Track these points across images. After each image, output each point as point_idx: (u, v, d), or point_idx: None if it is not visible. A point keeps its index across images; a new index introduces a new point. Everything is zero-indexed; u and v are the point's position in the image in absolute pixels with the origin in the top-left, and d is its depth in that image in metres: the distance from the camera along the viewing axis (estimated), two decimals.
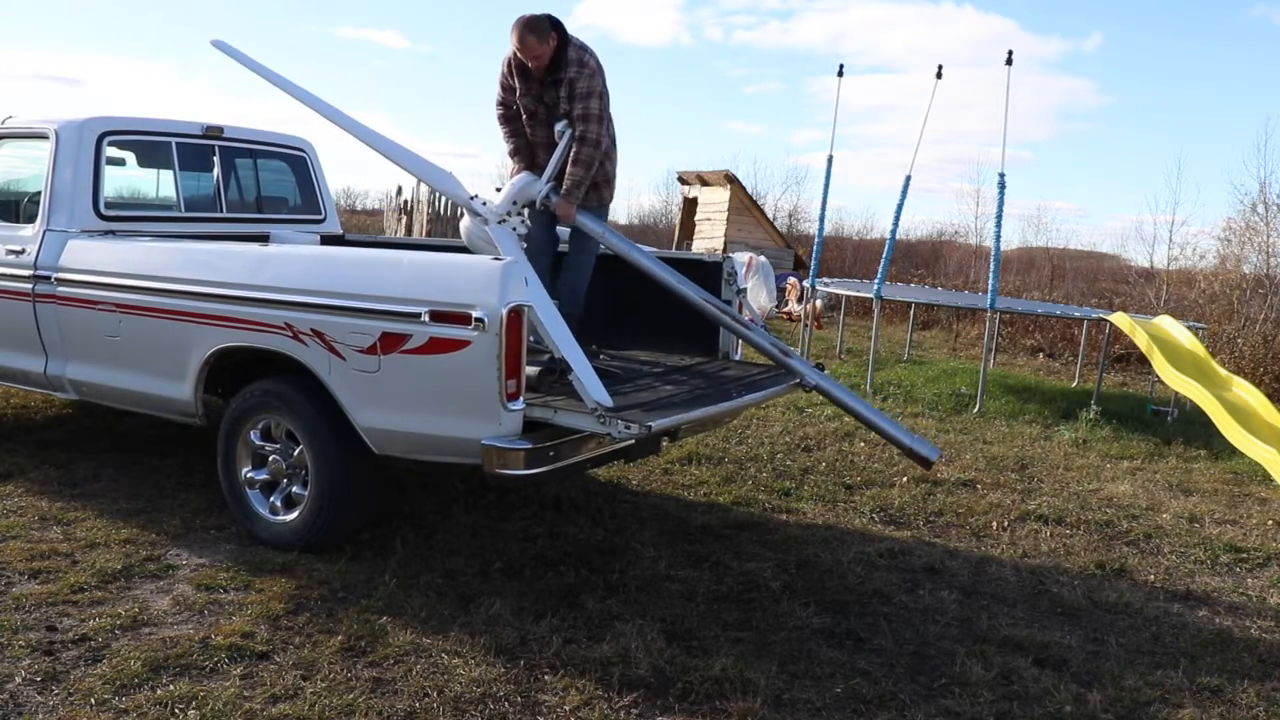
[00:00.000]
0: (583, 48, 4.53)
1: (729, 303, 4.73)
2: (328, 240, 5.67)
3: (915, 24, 58.93)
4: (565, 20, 4.47)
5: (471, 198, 4.34)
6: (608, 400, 3.51)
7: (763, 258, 15.51)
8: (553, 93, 4.56)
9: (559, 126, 4.58)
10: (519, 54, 4.46)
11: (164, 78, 78.98)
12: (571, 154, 4.52)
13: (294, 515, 4.17)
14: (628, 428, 3.42)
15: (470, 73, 71.91)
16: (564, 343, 3.63)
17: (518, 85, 4.62)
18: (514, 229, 4.37)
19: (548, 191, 4.56)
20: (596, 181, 4.68)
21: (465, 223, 4.47)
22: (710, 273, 4.78)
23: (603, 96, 4.55)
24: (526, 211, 4.60)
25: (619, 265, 4.84)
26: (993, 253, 9.17)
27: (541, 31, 4.39)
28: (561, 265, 4.79)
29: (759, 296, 14.68)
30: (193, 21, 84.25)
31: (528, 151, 4.78)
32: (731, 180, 18.55)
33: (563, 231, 4.83)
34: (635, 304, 4.93)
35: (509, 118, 4.77)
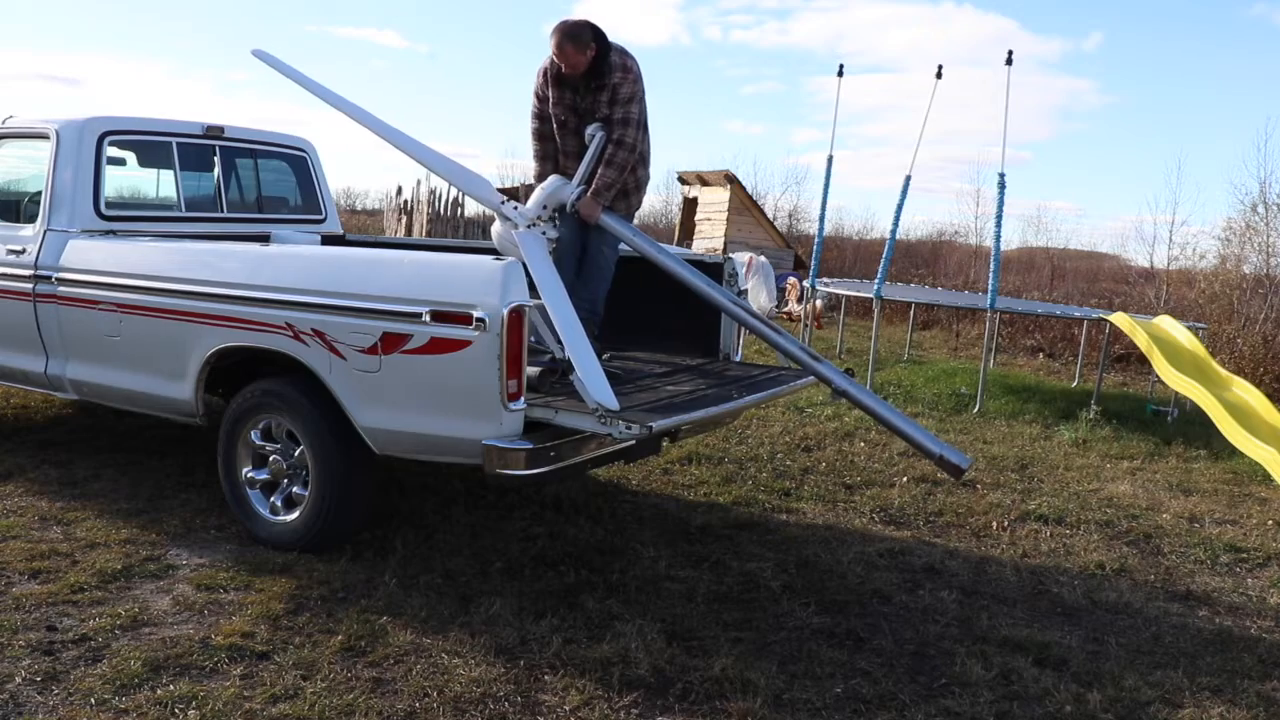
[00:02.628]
0: (624, 53, 4.52)
1: None
2: (328, 240, 5.67)
3: (915, 24, 59.01)
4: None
5: (502, 203, 4.33)
6: (613, 402, 3.50)
7: (763, 258, 15.51)
8: (588, 100, 4.56)
9: (590, 130, 4.58)
10: (555, 59, 4.46)
11: (163, 77, 79.07)
12: (606, 155, 4.52)
13: (294, 515, 4.17)
14: (629, 428, 3.42)
15: (469, 73, 71.92)
16: (576, 344, 3.62)
17: (551, 95, 4.62)
18: (543, 233, 4.35)
19: (579, 195, 4.55)
20: (626, 188, 4.66)
21: (496, 228, 4.44)
22: (711, 273, 4.77)
23: (642, 102, 4.56)
24: (557, 216, 4.58)
25: (618, 266, 4.84)
26: (993, 253, 9.18)
27: (581, 41, 4.39)
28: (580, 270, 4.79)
29: (759, 296, 14.68)
30: (192, 21, 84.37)
31: (556, 165, 4.75)
32: (731, 180, 18.54)
33: None
34: (635, 304, 4.93)
35: (542, 133, 4.74)
